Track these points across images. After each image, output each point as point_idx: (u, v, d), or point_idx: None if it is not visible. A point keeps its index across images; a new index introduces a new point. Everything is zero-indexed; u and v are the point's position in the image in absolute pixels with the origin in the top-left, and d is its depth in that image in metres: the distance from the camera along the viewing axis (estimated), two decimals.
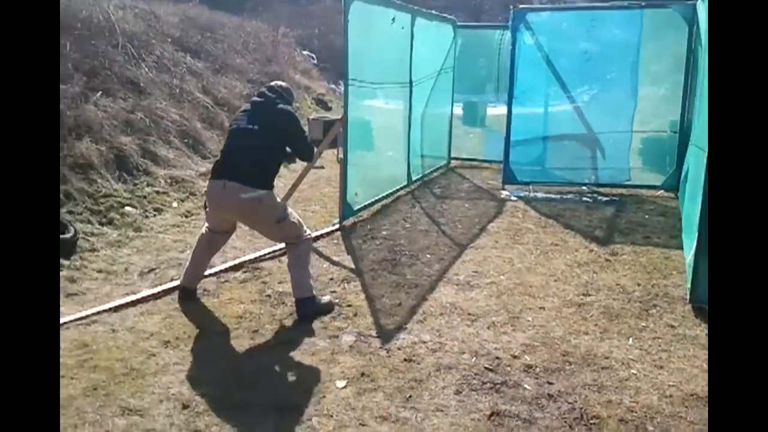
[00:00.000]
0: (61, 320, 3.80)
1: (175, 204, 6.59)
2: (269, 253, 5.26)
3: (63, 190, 5.72)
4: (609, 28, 7.57)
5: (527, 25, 7.67)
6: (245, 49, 12.81)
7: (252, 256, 5.15)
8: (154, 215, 6.19)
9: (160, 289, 4.41)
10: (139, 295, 4.28)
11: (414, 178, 8.12)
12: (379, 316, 4.08)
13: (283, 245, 5.30)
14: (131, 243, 5.43)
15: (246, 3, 19.87)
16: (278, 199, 4.17)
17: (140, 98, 8.01)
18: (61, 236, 4.94)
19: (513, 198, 7.49)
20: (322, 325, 3.95)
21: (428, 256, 5.31)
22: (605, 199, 7.48)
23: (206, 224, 4.43)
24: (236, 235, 5.55)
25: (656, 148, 7.83)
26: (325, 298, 4.24)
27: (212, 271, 4.76)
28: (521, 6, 7.82)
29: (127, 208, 6.05)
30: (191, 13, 12.68)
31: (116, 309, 4.07)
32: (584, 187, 7.92)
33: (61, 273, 4.60)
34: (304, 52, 18.00)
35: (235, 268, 4.95)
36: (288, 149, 4.20)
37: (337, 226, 6.06)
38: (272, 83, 4.37)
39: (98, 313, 3.98)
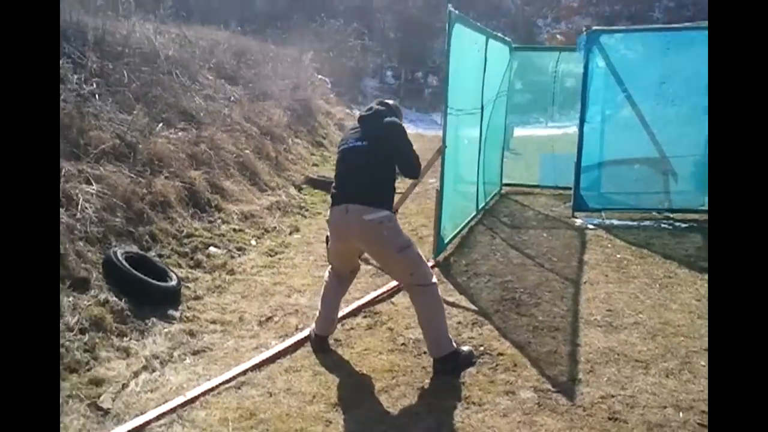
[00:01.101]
0: (210, 384, 3.49)
1: (253, 242, 6.28)
2: (379, 295, 4.97)
3: (148, 231, 5.41)
4: (685, 49, 7.39)
5: (600, 47, 7.48)
6: (275, 75, 12.54)
7: (365, 299, 4.85)
8: (239, 255, 5.87)
9: (292, 341, 4.10)
10: (274, 350, 3.96)
11: (480, 207, 7.88)
12: (541, 366, 3.79)
13: (394, 283, 5.09)
14: (231, 288, 5.11)
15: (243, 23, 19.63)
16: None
17: (199, 129, 7.69)
18: (165, 285, 4.62)
19: (590, 226, 7.26)
20: (488, 378, 3.66)
21: (547, 293, 5.04)
22: (684, 225, 7.29)
23: (329, 267, 4.17)
24: None
25: None
26: (465, 348, 3.93)
27: None
28: (595, 27, 7.66)
29: (212, 249, 5.73)
30: (219, 37, 12.43)
31: (258, 367, 3.75)
32: (655, 213, 7.72)
33: (176, 325, 4.28)
34: (318, 77, 17.78)
35: (353, 313, 4.65)
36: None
37: (432, 263, 5.78)
38: (380, 100, 4.15)
39: (242, 373, 3.65)
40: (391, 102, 4.08)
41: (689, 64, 7.44)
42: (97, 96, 6.64)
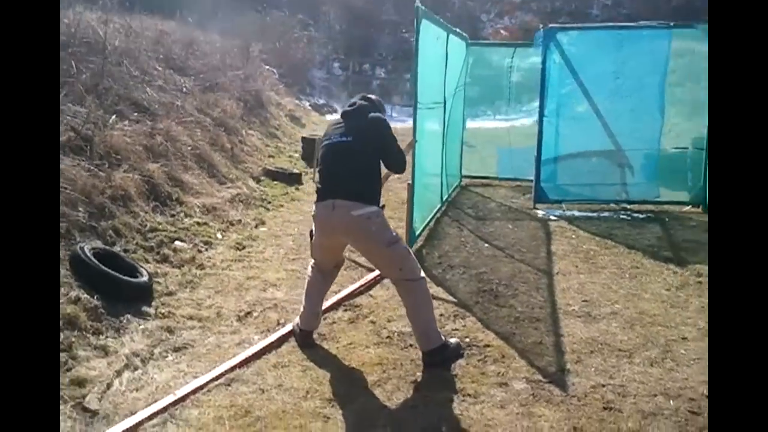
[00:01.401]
0: (199, 382, 3.36)
1: (219, 235, 6.11)
2: (358, 288, 4.91)
3: (111, 225, 5.19)
4: (638, 46, 7.60)
5: (557, 44, 7.61)
6: (223, 66, 12.25)
7: (344, 293, 4.78)
8: (206, 249, 5.70)
9: (277, 336, 4.00)
10: (260, 346, 3.84)
11: (444, 199, 7.91)
12: (529, 357, 3.82)
13: (371, 276, 5.05)
14: (203, 282, 4.96)
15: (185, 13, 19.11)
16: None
17: (153, 120, 7.43)
18: (137, 281, 4.44)
19: (552, 217, 7.38)
20: (478, 370, 3.66)
21: (522, 285, 5.09)
22: (642, 216, 7.49)
23: (312, 262, 4.09)
24: None
25: (681, 164, 7.91)
26: (453, 341, 3.90)
27: None
28: (551, 25, 7.78)
29: (177, 243, 5.54)
30: (165, 27, 12.05)
31: (245, 363, 3.64)
32: (613, 204, 7.90)
33: (152, 322, 4.12)
34: (266, 68, 17.48)
35: (333, 307, 4.57)
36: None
37: None
38: (363, 95, 4.08)
39: (230, 369, 3.53)
40: (373, 97, 4.03)
41: (642, 60, 7.68)
42: None
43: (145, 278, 4.51)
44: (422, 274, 3.78)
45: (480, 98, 10.74)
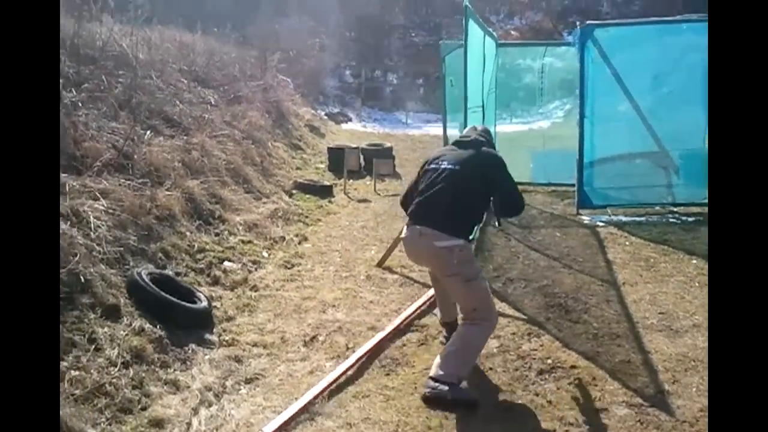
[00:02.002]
0: (282, 419, 3.14)
1: (265, 254, 5.91)
2: (420, 306, 4.70)
3: (160, 247, 5.00)
4: (678, 41, 7.37)
5: (594, 41, 7.38)
6: (243, 76, 12.08)
7: (408, 312, 4.57)
8: (255, 269, 5.51)
9: (351, 362, 3.78)
10: (335, 374, 3.63)
11: None
12: (622, 378, 3.60)
13: (431, 292, 4.85)
14: (260, 305, 4.76)
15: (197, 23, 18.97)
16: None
17: (187, 135, 7.25)
18: (197, 307, 4.25)
19: (600, 223, 7.16)
20: (572, 394, 3.45)
21: (591, 297, 4.87)
22: (691, 219, 7.25)
23: None
24: (366, 289, 5.06)
25: None
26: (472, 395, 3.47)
27: (377, 339, 4.12)
28: (588, 22, 7.56)
29: (227, 264, 5.35)
30: (185, 39, 11.88)
31: (323, 393, 3.44)
32: (659, 207, 7.67)
33: (217, 351, 3.92)
34: (280, 77, 17.31)
35: (400, 329, 4.36)
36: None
37: None
38: (474, 126, 4.09)
39: (312, 402, 3.32)
40: (480, 127, 4.03)
41: (683, 56, 7.43)
42: (80, 104, 6.15)
43: (204, 303, 4.31)
44: (496, 319, 3.66)
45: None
